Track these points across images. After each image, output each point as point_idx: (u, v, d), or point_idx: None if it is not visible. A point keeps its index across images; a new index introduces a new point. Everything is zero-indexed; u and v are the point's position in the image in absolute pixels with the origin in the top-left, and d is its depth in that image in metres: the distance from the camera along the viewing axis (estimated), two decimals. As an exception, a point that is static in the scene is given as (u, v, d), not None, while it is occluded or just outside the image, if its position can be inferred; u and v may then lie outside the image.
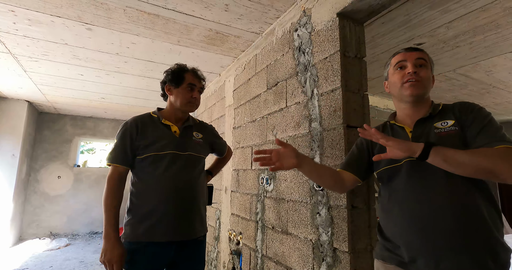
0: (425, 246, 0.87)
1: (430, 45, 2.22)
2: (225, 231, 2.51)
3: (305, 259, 1.46)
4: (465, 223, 0.82)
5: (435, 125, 0.95)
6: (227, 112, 2.77)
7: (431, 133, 0.94)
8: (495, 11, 1.76)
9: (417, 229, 0.89)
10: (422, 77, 0.98)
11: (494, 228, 0.83)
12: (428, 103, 1.03)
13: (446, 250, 0.83)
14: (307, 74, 1.60)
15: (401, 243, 0.93)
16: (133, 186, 1.35)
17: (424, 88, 0.99)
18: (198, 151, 1.46)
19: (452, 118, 0.94)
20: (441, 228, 0.84)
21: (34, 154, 5.16)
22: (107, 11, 1.86)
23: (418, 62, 1.00)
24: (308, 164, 1.07)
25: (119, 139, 1.33)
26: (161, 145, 1.34)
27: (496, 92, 3.41)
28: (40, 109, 5.05)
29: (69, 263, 3.73)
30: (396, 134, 1.04)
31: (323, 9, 1.53)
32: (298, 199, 1.57)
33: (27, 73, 3.10)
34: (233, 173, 2.47)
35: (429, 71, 1.01)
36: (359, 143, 1.14)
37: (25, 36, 2.23)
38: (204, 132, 1.57)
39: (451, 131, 0.91)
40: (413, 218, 0.90)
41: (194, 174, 1.42)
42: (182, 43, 2.31)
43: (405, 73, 1.00)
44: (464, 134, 0.89)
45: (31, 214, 5.01)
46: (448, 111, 0.97)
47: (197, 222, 1.40)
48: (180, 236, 1.32)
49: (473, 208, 0.83)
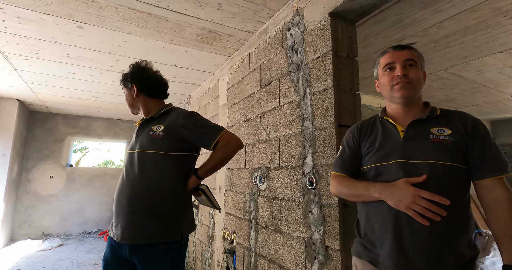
0: (397, 245, 0.88)
1: (422, 44, 2.25)
2: (219, 230, 2.52)
3: (297, 257, 1.47)
4: (437, 226, 0.84)
5: (431, 130, 0.93)
6: (221, 111, 2.76)
7: (426, 137, 0.93)
8: (484, 12, 1.78)
9: (392, 228, 0.89)
10: (412, 78, 0.97)
11: (465, 231, 0.87)
12: (419, 103, 1.02)
13: (417, 251, 0.85)
14: (300, 73, 1.60)
15: (376, 240, 0.95)
16: None
17: (415, 89, 0.98)
18: (147, 147, 1.30)
19: (449, 128, 0.93)
20: (415, 229, 0.86)
21: (26, 154, 5.08)
22: (98, 9, 1.84)
23: (407, 63, 0.99)
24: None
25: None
26: (130, 146, 1.42)
27: (487, 91, 3.47)
28: (31, 108, 4.98)
29: (62, 264, 3.69)
30: (388, 130, 1.01)
31: (316, 8, 1.53)
32: (290, 198, 1.57)
33: (17, 72, 3.05)
34: (227, 172, 2.47)
35: (419, 71, 1.00)
36: (350, 142, 1.10)
37: (14, 34, 2.20)
38: (167, 123, 1.34)
39: (446, 140, 0.91)
40: (391, 217, 0.90)
41: (140, 173, 1.27)
42: (175, 41, 2.30)
43: (394, 75, 0.99)
44: (464, 149, 0.90)
45: (23, 214, 4.95)
46: (447, 119, 0.95)
47: (147, 225, 1.23)
48: (121, 237, 1.25)
49: (450, 211, 0.84)
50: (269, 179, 1.80)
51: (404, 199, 0.85)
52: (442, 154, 0.89)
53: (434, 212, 0.83)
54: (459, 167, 0.88)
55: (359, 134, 1.08)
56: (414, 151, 0.92)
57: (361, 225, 1.03)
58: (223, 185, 2.52)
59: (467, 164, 0.90)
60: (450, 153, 0.89)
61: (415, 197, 0.84)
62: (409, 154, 0.92)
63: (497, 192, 0.86)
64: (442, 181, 0.87)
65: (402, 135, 0.97)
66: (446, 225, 0.84)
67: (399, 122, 1.01)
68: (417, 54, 1.01)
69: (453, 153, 0.89)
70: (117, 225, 1.29)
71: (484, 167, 0.88)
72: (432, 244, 0.84)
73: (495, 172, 0.87)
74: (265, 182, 1.84)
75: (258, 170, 1.94)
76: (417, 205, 0.83)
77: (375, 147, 1.00)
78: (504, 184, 0.87)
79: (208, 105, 3.17)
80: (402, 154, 0.93)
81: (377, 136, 1.03)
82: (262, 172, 1.89)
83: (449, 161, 0.88)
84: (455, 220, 0.86)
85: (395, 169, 0.93)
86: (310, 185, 1.43)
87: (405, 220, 0.87)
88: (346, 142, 1.12)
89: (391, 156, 0.95)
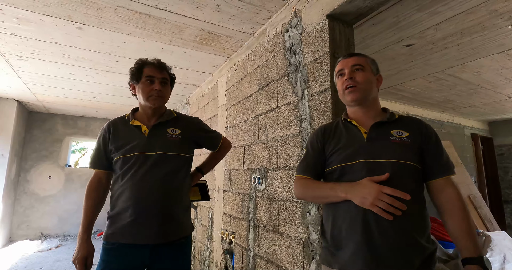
0: (367, 244, 0.90)
1: (420, 46, 2.26)
2: (217, 231, 2.52)
3: (295, 257, 1.48)
4: (402, 223, 0.88)
5: (391, 132, 1.00)
6: (219, 112, 2.77)
7: (387, 138, 0.99)
8: (481, 14, 1.80)
9: (360, 227, 0.91)
10: (359, 81, 1.03)
11: (425, 227, 0.93)
12: (376, 105, 1.08)
13: (386, 248, 0.88)
14: (298, 74, 1.62)
15: (344, 241, 0.95)
16: (110, 189, 1.35)
17: (363, 91, 1.03)
18: (169, 149, 1.34)
19: (407, 131, 1.00)
20: (383, 227, 0.89)
21: (24, 154, 5.08)
22: (97, 10, 1.85)
23: (354, 68, 1.05)
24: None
25: (96, 143, 1.37)
26: (129, 147, 1.30)
27: (484, 92, 3.49)
28: (30, 108, 4.98)
29: (60, 264, 3.69)
30: (352, 134, 1.05)
31: (313, 10, 1.54)
32: (289, 199, 1.58)
33: (16, 72, 3.05)
34: (225, 173, 2.48)
35: (368, 74, 1.05)
36: (314, 144, 1.13)
37: (13, 35, 2.20)
38: (184, 127, 1.43)
39: (405, 141, 0.98)
40: (358, 216, 0.92)
41: (166, 174, 1.31)
42: (174, 42, 2.31)
43: (343, 80, 1.06)
44: (419, 150, 0.98)
45: (21, 215, 4.94)
46: (404, 124, 1.03)
47: (170, 224, 1.29)
48: (149, 239, 1.24)
49: (412, 208, 0.90)
50: (267, 180, 1.81)
51: (368, 196, 0.88)
52: (402, 153, 0.95)
53: (396, 207, 0.87)
54: (416, 166, 0.95)
55: (323, 136, 1.11)
56: (377, 151, 0.97)
57: (326, 229, 1.03)
58: (222, 185, 2.53)
59: (422, 165, 0.97)
60: (409, 153, 0.96)
61: (378, 194, 0.87)
62: (373, 154, 0.97)
63: (448, 190, 0.94)
64: (403, 179, 0.93)
65: (365, 136, 1.02)
66: (410, 221, 0.89)
67: (360, 124, 1.06)
68: (365, 60, 1.08)
69: (411, 153, 0.96)
70: (144, 228, 1.24)
71: (437, 168, 0.97)
72: (399, 240, 0.88)
73: (446, 172, 0.96)
74: (264, 182, 1.85)
75: (256, 171, 1.95)
76: (381, 201, 0.87)
77: (340, 147, 1.04)
78: (453, 184, 0.96)
79: (207, 106, 3.17)
80: (367, 154, 0.98)
81: (341, 137, 1.07)
82: (260, 172, 1.90)
83: (409, 161, 0.95)
84: (416, 216, 0.92)
85: (360, 168, 0.97)
86: (308, 185, 1.44)
87: (372, 219, 0.90)
88: (310, 144, 1.15)
89: (356, 156, 0.99)
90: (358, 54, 1.10)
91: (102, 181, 1.33)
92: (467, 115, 4.84)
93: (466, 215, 0.91)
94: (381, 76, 1.11)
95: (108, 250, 1.25)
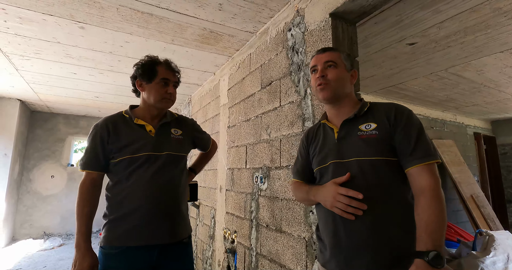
0: (336, 245, 0.91)
1: (422, 45, 2.25)
2: (220, 230, 2.53)
3: (298, 256, 1.48)
4: (369, 222, 0.86)
5: (359, 127, 0.96)
6: (221, 111, 2.77)
7: (355, 135, 0.95)
8: (484, 12, 1.79)
9: (330, 229, 0.93)
10: (330, 79, 1.00)
11: (403, 222, 0.86)
12: (352, 102, 1.04)
13: (353, 249, 0.87)
14: (301, 73, 1.61)
15: (325, 242, 0.97)
16: (108, 191, 1.27)
17: (334, 89, 1.00)
18: (177, 149, 1.35)
19: (375, 122, 0.94)
20: (349, 228, 0.88)
21: (27, 153, 5.10)
22: (100, 10, 1.85)
23: (326, 65, 1.02)
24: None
25: (90, 142, 1.25)
26: (136, 147, 1.25)
27: (487, 91, 3.47)
28: (32, 108, 4.99)
29: (63, 263, 3.70)
30: (327, 135, 1.05)
31: (316, 9, 1.54)
32: (291, 198, 1.58)
33: (19, 72, 3.06)
34: (227, 172, 2.48)
35: (340, 70, 1.02)
36: (301, 149, 1.16)
37: (16, 35, 2.21)
38: (184, 127, 1.46)
39: (371, 135, 0.92)
40: (329, 218, 0.94)
41: (174, 174, 1.32)
42: (176, 42, 2.31)
43: (316, 77, 1.04)
44: (389, 141, 0.90)
45: (24, 214, 4.96)
46: (374, 113, 0.97)
47: (179, 224, 1.31)
48: (160, 239, 1.23)
49: (382, 204, 0.87)
50: (270, 179, 1.81)
51: (328, 198, 0.90)
52: (368, 149, 0.91)
53: (357, 207, 0.86)
54: (388, 160, 0.89)
55: (306, 140, 1.14)
56: (345, 150, 0.95)
57: (319, 229, 1.06)
58: (224, 184, 2.53)
59: (397, 156, 0.90)
60: (376, 147, 0.90)
61: (335, 195, 0.88)
62: (341, 154, 0.96)
63: (421, 180, 0.84)
64: (369, 177, 0.89)
65: (336, 136, 1.00)
66: (378, 219, 0.86)
67: (334, 123, 1.04)
68: (338, 55, 1.04)
69: (379, 146, 0.90)
70: (156, 228, 1.22)
71: (408, 156, 0.87)
72: (367, 240, 0.86)
73: (418, 159, 0.85)
74: (266, 182, 1.85)
75: (259, 170, 1.95)
76: (339, 202, 0.88)
77: (318, 150, 1.05)
78: (429, 172, 0.84)
79: (209, 105, 3.17)
80: (336, 154, 0.97)
81: (319, 140, 1.07)
82: (263, 172, 1.90)
83: (376, 156, 0.89)
84: (388, 213, 0.86)
85: (330, 170, 0.97)
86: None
87: (339, 220, 0.91)
88: (299, 149, 1.19)
89: (328, 157, 0.99)
90: (332, 49, 1.08)
91: (96, 184, 1.25)
92: (470, 114, 4.81)
93: (432, 204, 0.79)
94: (356, 71, 1.09)
95: (111, 255, 1.18)
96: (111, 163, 1.26)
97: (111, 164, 1.26)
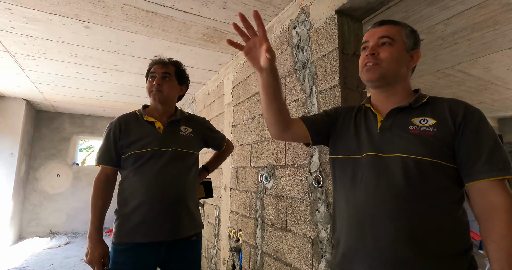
0: (362, 252, 0.78)
1: (429, 41, 2.22)
2: (224, 228, 2.53)
3: (304, 255, 1.47)
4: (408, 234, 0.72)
5: (412, 121, 0.80)
6: (226, 110, 2.77)
7: (404, 128, 0.80)
8: (493, 8, 1.76)
9: (357, 232, 0.79)
10: (382, 59, 0.83)
11: (451, 241, 0.72)
12: (404, 89, 0.87)
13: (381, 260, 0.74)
14: (306, 71, 1.60)
15: (342, 247, 0.84)
16: (119, 185, 1.33)
17: (383, 70, 0.83)
18: (184, 146, 1.37)
19: (434, 118, 0.78)
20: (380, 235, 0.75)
21: (33, 153, 5.15)
22: (104, 9, 1.85)
23: (380, 41, 0.85)
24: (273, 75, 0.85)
25: (105, 139, 1.33)
26: (144, 143, 1.29)
27: (494, 88, 3.42)
28: (38, 107, 5.03)
29: (69, 261, 3.74)
30: (368, 121, 0.90)
31: (322, 6, 1.52)
32: (297, 196, 1.57)
33: (25, 72, 3.09)
34: (232, 171, 2.48)
35: (396, 49, 0.84)
36: (332, 111, 1.02)
37: (22, 34, 2.22)
38: (195, 126, 1.48)
39: (427, 131, 0.76)
40: (356, 219, 0.80)
41: (181, 170, 1.33)
42: (180, 40, 2.30)
43: (365, 55, 0.87)
44: (450, 143, 0.75)
45: (31, 213, 5.02)
46: (434, 108, 0.81)
47: (185, 220, 1.31)
48: (166, 235, 1.24)
49: (420, 217, 0.73)
50: (275, 178, 1.80)
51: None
52: (419, 147, 0.75)
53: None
54: (441, 164, 0.74)
55: (337, 113, 1.00)
56: (387, 143, 0.80)
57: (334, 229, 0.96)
58: (229, 183, 2.53)
59: (455, 162, 0.75)
60: (430, 147, 0.74)
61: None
62: (381, 147, 0.81)
63: (492, 197, 0.69)
64: (413, 179, 0.74)
65: (379, 125, 0.85)
66: (416, 232, 0.71)
67: (379, 110, 0.89)
68: (398, 30, 0.85)
69: (435, 147, 0.74)
70: (160, 224, 1.23)
71: (476, 166, 0.71)
72: (402, 257, 0.72)
73: (491, 172, 0.70)
74: (271, 180, 1.84)
75: (264, 169, 1.94)
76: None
77: (346, 135, 0.91)
78: (503, 188, 0.69)
79: (213, 104, 3.17)
80: (375, 146, 0.82)
81: (354, 123, 0.92)
82: (268, 170, 1.89)
83: (427, 156, 0.74)
84: (430, 227, 0.72)
85: (365, 163, 0.82)
86: (317, 183, 1.43)
87: (368, 225, 0.79)
88: (329, 109, 1.05)
89: (363, 148, 0.84)
90: (391, 22, 0.87)
91: (110, 179, 1.32)
92: (476, 112, 4.76)
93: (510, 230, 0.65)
94: (419, 52, 0.88)
95: (121, 251, 1.23)
96: (122, 158, 1.31)
97: (122, 159, 1.32)
